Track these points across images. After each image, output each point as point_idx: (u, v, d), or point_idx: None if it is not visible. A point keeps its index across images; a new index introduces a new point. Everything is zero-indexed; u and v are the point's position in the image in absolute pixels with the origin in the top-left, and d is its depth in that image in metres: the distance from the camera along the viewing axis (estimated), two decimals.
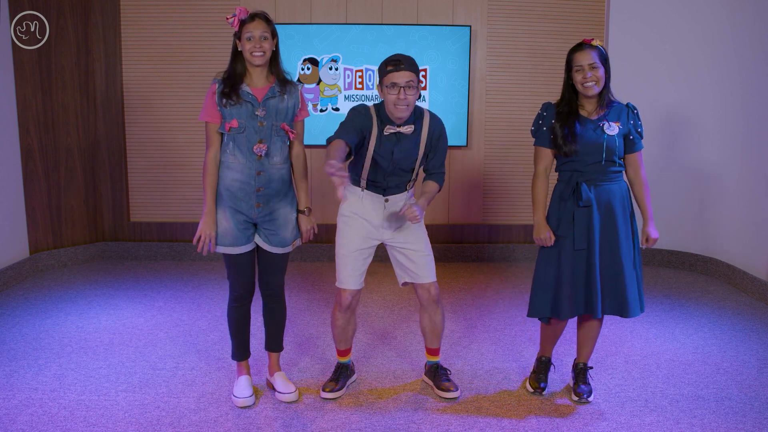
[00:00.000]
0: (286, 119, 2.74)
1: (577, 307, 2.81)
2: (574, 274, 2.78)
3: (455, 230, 5.39)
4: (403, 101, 2.66)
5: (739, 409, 2.86)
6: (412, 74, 2.66)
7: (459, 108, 5.16)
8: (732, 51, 4.75)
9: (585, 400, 2.92)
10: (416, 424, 2.74)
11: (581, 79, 2.70)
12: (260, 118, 2.68)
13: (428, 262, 2.90)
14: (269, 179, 2.73)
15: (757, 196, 4.55)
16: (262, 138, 2.69)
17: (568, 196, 2.77)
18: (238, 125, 2.67)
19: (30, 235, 4.90)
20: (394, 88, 2.65)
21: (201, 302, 4.28)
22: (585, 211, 2.75)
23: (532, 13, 5.19)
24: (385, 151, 2.78)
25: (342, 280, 2.89)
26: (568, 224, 2.77)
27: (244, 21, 2.66)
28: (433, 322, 3.01)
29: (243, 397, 2.87)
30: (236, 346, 2.96)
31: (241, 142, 2.69)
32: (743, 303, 4.35)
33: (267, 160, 2.72)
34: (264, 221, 2.79)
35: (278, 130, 2.72)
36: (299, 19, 5.14)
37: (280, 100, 2.71)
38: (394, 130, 2.76)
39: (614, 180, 2.79)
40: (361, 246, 2.87)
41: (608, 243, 2.77)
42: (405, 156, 2.80)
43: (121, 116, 5.24)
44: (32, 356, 3.36)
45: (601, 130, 2.73)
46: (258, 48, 2.64)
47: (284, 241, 2.83)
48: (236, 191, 2.72)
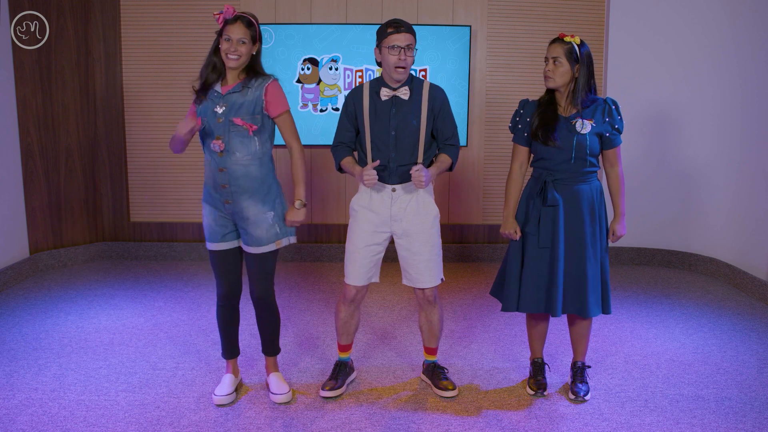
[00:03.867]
0: (245, 113, 2.69)
1: (540, 305, 2.83)
2: (537, 272, 2.81)
3: (455, 230, 5.39)
4: (403, 62, 2.72)
5: (739, 409, 2.86)
6: (411, 37, 2.75)
7: (459, 108, 5.16)
8: (731, 50, 4.76)
9: (581, 398, 2.92)
10: (416, 423, 2.74)
11: (544, 70, 2.76)
12: (218, 115, 2.70)
13: (430, 267, 2.88)
14: (232, 176, 2.72)
15: (757, 195, 4.55)
16: (219, 134, 2.71)
17: (536, 195, 2.80)
18: (202, 122, 2.72)
19: (30, 235, 4.90)
20: (394, 50, 2.71)
21: (201, 302, 4.28)
22: (551, 210, 2.77)
23: (532, 13, 5.19)
24: (382, 120, 2.78)
25: (348, 275, 2.91)
26: (534, 222, 2.80)
27: (228, 21, 2.67)
28: (430, 322, 3.01)
29: (220, 395, 2.87)
30: (223, 344, 2.98)
31: (206, 140, 2.76)
32: (743, 303, 4.35)
33: (228, 156, 2.72)
34: (237, 219, 2.80)
35: (233, 124, 2.70)
36: (299, 19, 5.14)
37: (241, 95, 2.70)
38: (390, 94, 2.78)
39: (585, 180, 2.79)
40: (369, 242, 2.86)
41: (573, 243, 2.79)
42: (404, 123, 2.79)
43: (121, 116, 5.24)
44: (32, 356, 3.36)
45: (572, 128, 2.74)
46: (233, 51, 2.65)
47: (258, 240, 2.77)
48: (210, 187, 2.80)
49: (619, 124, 2.79)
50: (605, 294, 2.86)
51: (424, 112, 2.80)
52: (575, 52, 2.70)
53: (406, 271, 2.92)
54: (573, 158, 2.74)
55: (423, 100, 2.80)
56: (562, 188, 2.78)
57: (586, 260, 2.78)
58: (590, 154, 2.75)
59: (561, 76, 2.72)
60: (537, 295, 2.82)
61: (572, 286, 2.80)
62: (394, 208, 2.84)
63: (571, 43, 2.71)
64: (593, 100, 2.78)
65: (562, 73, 2.72)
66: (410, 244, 2.86)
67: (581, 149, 2.73)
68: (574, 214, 2.77)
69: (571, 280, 2.80)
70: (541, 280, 2.81)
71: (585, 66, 2.72)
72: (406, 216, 2.84)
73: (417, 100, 2.80)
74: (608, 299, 2.87)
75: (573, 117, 2.75)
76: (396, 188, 2.84)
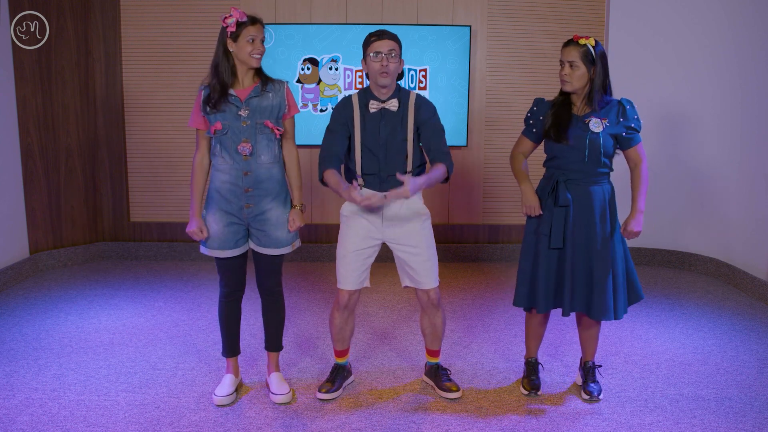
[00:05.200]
0: (270, 117, 2.75)
1: (554, 302, 2.85)
2: (549, 271, 2.82)
3: (455, 230, 5.39)
4: (386, 67, 2.73)
5: (739, 409, 2.86)
6: (394, 43, 2.76)
7: (459, 108, 5.16)
8: (732, 50, 4.76)
9: (595, 398, 2.92)
10: (416, 424, 2.74)
11: (561, 74, 2.75)
12: (243, 118, 2.71)
13: (429, 267, 2.88)
14: (257, 179, 2.75)
15: (757, 195, 4.55)
16: (246, 137, 2.72)
17: (547, 194, 2.80)
18: (222, 127, 2.70)
19: (30, 235, 4.89)
20: (377, 57, 2.73)
21: (201, 302, 4.28)
22: (562, 210, 2.77)
23: (532, 13, 5.19)
24: (372, 132, 2.79)
25: (340, 280, 2.90)
26: (546, 222, 2.80)
27: (244, 23, 2.69)
28: (433, 325, 3.01)
29: (220, 395, 2.87)
30: (224, 342, 2.98)
31: (227, 143, 2.73)
32: (743, 303, 4.35)
33: (254, 159, 2.73)
34: (255, 222, 2.79)
35: (262, 127, 2.73)
36: (299, 19, 5.14)
37: (263, 98, 2.74)
38: (378, 107, 2.79)
39: (598, 182, 2.79)
40: (360, 246, 2.86)
41: (583, 244, 2.78)
42: (392, 134, 2.79)
43: (121, 116, 5.24)
44: (32, 356, 3.36)
45: (586, 127, 2.73)
46: (258, 51, 2.71)
47: (278, 241, 2.82)
48: (225, 193, 2.76)
49: (635, 123, 2.77)
50: (617, 298, 2.81)
51: (410, 123, 2.81)
52: (590, 54, 2.69)
53: (408, 273, 2.91)
54: (587, 158, 2.73)
55: (409, 111, 2.81)
56: (574, 188, 2.78)
57: (593, 261, 2.77)
58: (604, 154, 2.74)
59: (578, 80, 2.71)
60: (548, 293, 2.83)
61: (580, 286, 2.80)
62: (386, 213, 2.85)
63: (587, 45, 2.70)
64: (608, 101, 2.77)
65: (579, 77, 2.71)
66: (406, 247, 2.86)
67: (595, 149, 2.72)
68: (585, 215, 2.77)
69: (579, 280, 2.80)
70: (552, 279, 2.82)
71: (601, 67, 2.71)
72: (398, 220, 2.85)
73: (404, 111, 2.82)
74: (622, 304, 2.83)
75: (587, 116, 2.75)
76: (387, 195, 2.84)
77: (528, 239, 2.88)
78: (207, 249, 2.82)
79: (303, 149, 5.23)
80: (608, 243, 2.78)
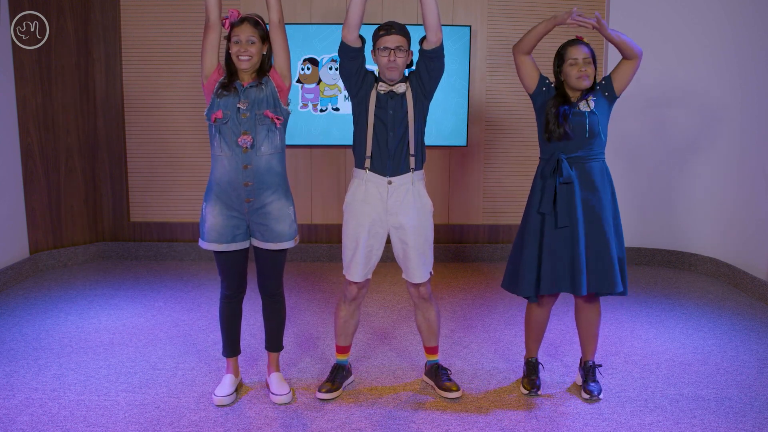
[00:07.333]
0: (269, 106, 2.73)
1: (561, 284, 2.82)
2: (558, 252, 2.80)
3: (455, 230, 5.39)
4: (393, 62, 2.78)
5: (739, 409, 2.86)
6: (402, 38, 2.81)
7: (459, 108, 5.16)
8: (732, 50, 4.76)
9: (596, 397, 2.92)
10: (416, 423, 2.74)
11: (576, 72, 2.78)
12: (243, 110, 2.70)
13: (423, 262, 2.89)
14: (257, 172, 2.73)
15: (757, 195, 4.55)
16: (246, 129, 2.71)
17: (549, 174, 2.82)
18: (222, 116, 2.69)
19: (30, 235, 4.89)
20: (385, 51, 2.79)
21: (201, 302, 4.28)
22: (567, 188, 2.79)
23: (532, 13, 5.19)
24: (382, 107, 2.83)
25: (349, 272, 2.90)
26: (550, 202, 2.80)
27: (234, 24, 2.69)
28: (427, 320, 3.02)
29: (220, 395, 2.87)
30: (224, 342, 2.97)
31: (227, 134, 2.71)
32: (743, 303, 4.35)
33: (253, 152, 2.72)
34: (256, 216, 2.78)
35: (262, 118, 2.72)
36: (299, 19, 5.14)
37: (258, 90, 2.73)
38: (386, 89, 2.83)
39: (596, 158, 2.84)
40: (365, 234, 2.85)
41: (593, 220, 2.80)
42: (397, 110, 2.83)
43: (121, 116, 5.24)
44: (32, 356, 3.36)
45: (579, 112, 2.80)
46: (244, 52, 2.68)
47: (281, 235, 2.80)
48: (225, 185, 2.74)
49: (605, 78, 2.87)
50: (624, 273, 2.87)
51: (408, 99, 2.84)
52: (593, 51, 2.82)
53: (401, 262, 2.93)
54: (587, 133, 2.78)
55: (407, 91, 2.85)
56: (575, 166, 2.81)
57: (607, 236, 2.79)
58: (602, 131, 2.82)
59: (592, 76, 2.81)
60: (559, 274, 2.81)
61: (596, 264, 2.80)
62: (390, 201, 2.84)
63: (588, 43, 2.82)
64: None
65: (593, 73, 2.81)
66: (406, 237, 2.86)
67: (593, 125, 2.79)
68: (591, 192, 2.81)
69: (594, 257, 2.80)
70: (562, 260, 2.80)
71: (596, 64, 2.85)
72: (402, 209, 2.85)
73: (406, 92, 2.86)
74: (626, 278, 2.88)
75: (578, 101, 2.83)
76: (392, 180, 2.84)
77: (532, 224, 2.85)
78: (205, 242, 2.80)
79: (303, 149, 5.23)
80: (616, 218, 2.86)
